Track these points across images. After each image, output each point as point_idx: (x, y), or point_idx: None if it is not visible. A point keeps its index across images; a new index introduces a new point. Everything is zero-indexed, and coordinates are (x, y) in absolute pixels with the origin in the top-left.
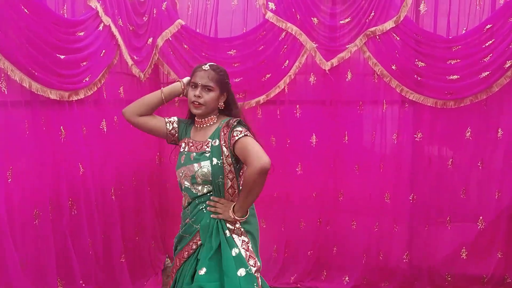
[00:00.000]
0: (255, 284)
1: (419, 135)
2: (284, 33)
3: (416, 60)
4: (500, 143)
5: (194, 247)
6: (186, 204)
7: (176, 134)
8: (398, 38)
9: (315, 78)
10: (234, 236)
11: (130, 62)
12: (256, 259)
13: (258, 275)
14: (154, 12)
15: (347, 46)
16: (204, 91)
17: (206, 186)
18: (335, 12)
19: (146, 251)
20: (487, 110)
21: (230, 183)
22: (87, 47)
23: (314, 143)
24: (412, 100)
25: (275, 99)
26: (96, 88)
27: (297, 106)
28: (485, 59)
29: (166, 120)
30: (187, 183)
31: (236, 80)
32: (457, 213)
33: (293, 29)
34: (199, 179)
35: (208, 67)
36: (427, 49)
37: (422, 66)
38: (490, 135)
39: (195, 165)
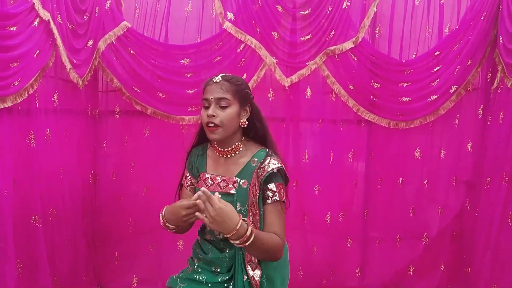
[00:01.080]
0: None
1: (373, 154)
2: (242, 45)
3: (372, 81)
4: (442, 163)
5: None
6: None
7: (194, 180)
8: (355, 59)
9: (273, 94)
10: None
11: (68, 65)
12: None
13: None
14: (96, 11)
15: (307, 63)
16: (218, 108)
17: None
18: (295, 28)
19: (77, 286)
20: (434, 132)
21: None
22: (19, 45)
23: None
24: (367, 119)
25: None
26: (27, 95)
27: None
28: (433, 84)
29: (186, 184)
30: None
31: (190, 91)
32: (406, 230)
33: (252, 42)
34: None
35: (220, 78)
36: (382, 71)
37: (377, 87)
38: (435, 155)
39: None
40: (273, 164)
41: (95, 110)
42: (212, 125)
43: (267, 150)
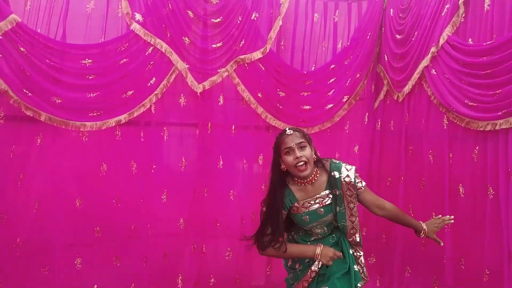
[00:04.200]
0: None
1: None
2: (151, 48)
3: (278, 89)
4: None
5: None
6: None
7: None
8: (263, 68)
9: (185, 100)
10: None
11: None
12: None
13: None
14: None
15: (218, 70)
16: (300, 150)
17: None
18: (207, 34)
19: None
20: (330, 137)
21: (351, 225)
22: None
23: (183, 168)
24: (274, 126)
25: (138, 120)
26: None
27: (165, 128)
28: (329, 93)
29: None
30: (319, 230)
31: (91, 95)
32: None
33: (162, 45)
34: (332, 226)
35: (291, 131)
36: (286, 80)
37: (283, 95)
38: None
39: (328, 217)
40: (349, 165)
41: None
42: (302, 163)
43: (331, 160)
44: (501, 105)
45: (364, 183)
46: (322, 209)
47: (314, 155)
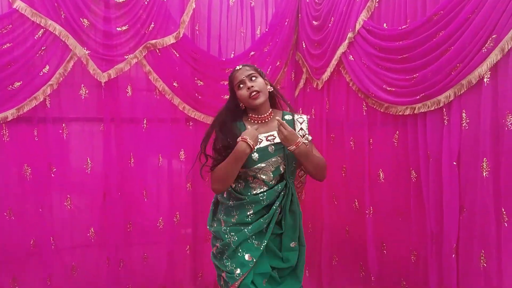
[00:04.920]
0: None
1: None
2: (41, 31)
3: (196, 78)
4: None
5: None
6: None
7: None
8: (177, 55)
9: (87, 91)
10: None
11: None
12: None
13: None
14: None
15: (126, 57)
16: (251, 81)
17: (279, 173)
18: (109, 16)
19: None
20: None
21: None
22: None
23: (89, 169)
24: (194, 118)
25: (30, 116)
26: None
27: (63, 125)
28: None
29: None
30: (264, 177)
31: None
32: None
33: (55, 28)
34: (281, 168)
35: (241, 66)
36: (203, 68)
37: (201, 84)
38: None
39: (279, 157)
40: (305, 116)
41: None
42: (255, 92)
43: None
44: (418, 89)
45: (311, 138)
46: (272, 147)
47: (269, 87)
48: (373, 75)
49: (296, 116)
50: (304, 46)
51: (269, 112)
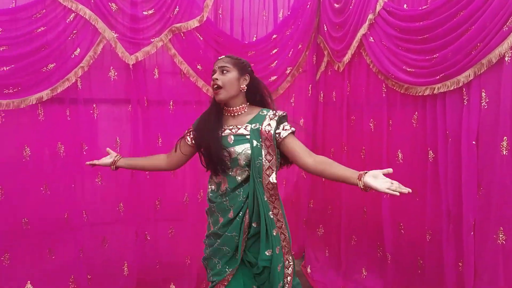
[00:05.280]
0: None
1: None
2: (73, 15)
3: None
4: None
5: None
6: (223, 190)
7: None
8: (201, 38)
9: (116, 73)
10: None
11: None
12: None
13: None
14: None
15: (152, 40)
16: (221, 74)
17: (246, 170)
18: (136, 0)
19: None
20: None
21: (268, 165)
22: None
23: (118, 148)
24: None
25: (63, 97)
26: None
27: (94, 106)
28: (272, 65)
29: (187, 138)
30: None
31: (5, 68)
32: None
33: (86, 12)
34: (242, 162)
35: (224, 56)
36: (226, 51)
37: None
38: None
39: (236, 147)
40: (281, 112)
41: None
42: (216, 86)
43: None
44: (438, 69)
45: (291, 129)
46: (232, 137)
47: (243, 86)
48: (393, 56)
49: (269, 113)
50: (326, 29)
51: (241, 106)
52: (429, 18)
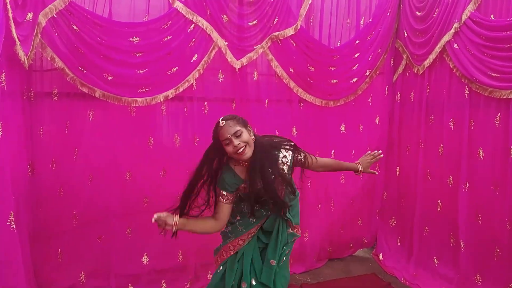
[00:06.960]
0: None
1: (309, 129)
2: (192, 26)
3: (308, 65)
4: (360, 135)
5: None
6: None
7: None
8: (294, 44)
9: (223, 76)
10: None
11: (18, 41)
12: None
13: None
14: None
15: (255, 47)
16: (237, 138)
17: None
18: (242, 13)
19: None
20: (354, 109)
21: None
22: None
23: None
24: (305, 99)
25: (182, 95)
26: None
27: (205, 103)
28: (353, 68)
29: (225, 200)
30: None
31: (140, 71)
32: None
33: (203, 23)
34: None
35: (224, 122)
36: (315, 56)
37: (312, 70)
38: (356, 130)
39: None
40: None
41: (30, 92)
42: (242, 148)
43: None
44: None
45: (303, 155)
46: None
47: (252, 137)
48: (478, 62)
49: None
50: (406, 35)
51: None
52: None
